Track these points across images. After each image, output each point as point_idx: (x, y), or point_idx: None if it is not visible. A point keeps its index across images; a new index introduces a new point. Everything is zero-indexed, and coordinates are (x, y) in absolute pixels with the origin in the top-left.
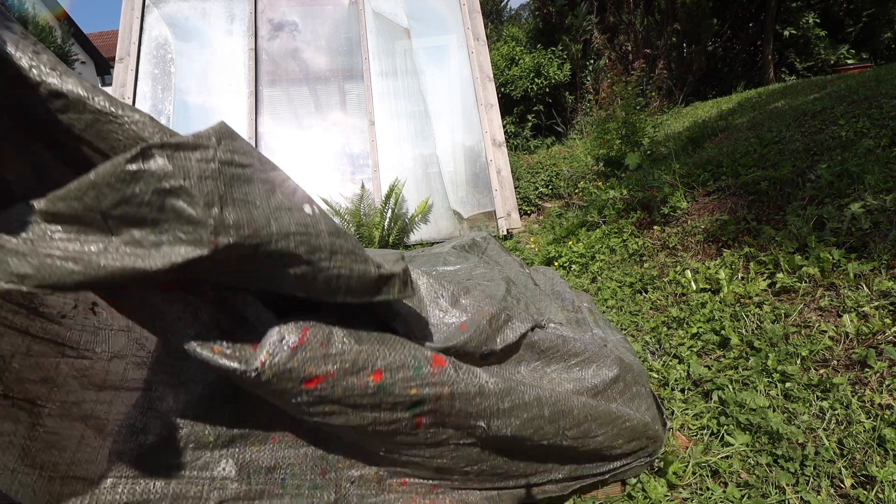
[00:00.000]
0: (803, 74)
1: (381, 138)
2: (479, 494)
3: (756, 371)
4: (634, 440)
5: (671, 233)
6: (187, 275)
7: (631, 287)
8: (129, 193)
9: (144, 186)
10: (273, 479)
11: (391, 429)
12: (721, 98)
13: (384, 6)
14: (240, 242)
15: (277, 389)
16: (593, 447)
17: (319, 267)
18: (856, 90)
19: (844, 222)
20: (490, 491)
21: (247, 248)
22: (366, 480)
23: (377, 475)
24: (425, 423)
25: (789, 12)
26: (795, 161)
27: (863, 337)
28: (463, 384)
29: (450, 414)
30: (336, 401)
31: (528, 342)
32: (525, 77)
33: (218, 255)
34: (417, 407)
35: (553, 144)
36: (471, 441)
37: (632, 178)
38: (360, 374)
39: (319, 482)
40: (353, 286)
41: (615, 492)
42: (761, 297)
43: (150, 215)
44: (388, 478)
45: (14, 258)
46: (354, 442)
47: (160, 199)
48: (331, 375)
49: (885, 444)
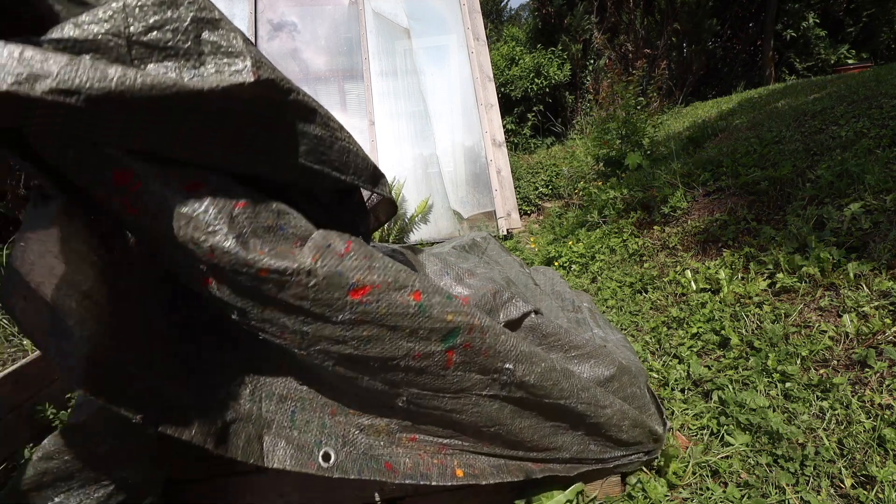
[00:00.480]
0: (803, 74)
1: (380, 138)
2: (487, 461)
3: (756, 371)
4: (637, 427)
5: (671, 233)
6: (212, 132)
7: (631, 287)
8: (165, 18)
9: (184, 13)
10: (283, 409)
11: (422, 365)
12: (721, 98)
13: (384, 6)
14: (276, 80)
15: (323, 298)
16: (603, 421)
17: (335, 136)
18: (856, 90)
19: (844, 222)
20: (498, 459)
21: (280, 90)
22: (376, 430)
23: (387, 427)
24: (455, 360)
25: (789, 12)
26: (795, 161)
27: (863, 337)
28: (488, 321)
29: (480, 351)
30: (377, 320)
31: (531, 325)
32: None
33: (256, 91)
34: (451, 338)
35: (553, 144)
36: (492, 393)
37: (632, 178)
38: (402, 291)
39: (328, 422)
40: (359, 166)
41: (615, 492)
42: (761, 297)
43: (185, 45)
44: (398, 431)
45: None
46: (371, 390)
47: (198, 29)
48: (376, 287)
49: (885, 444)
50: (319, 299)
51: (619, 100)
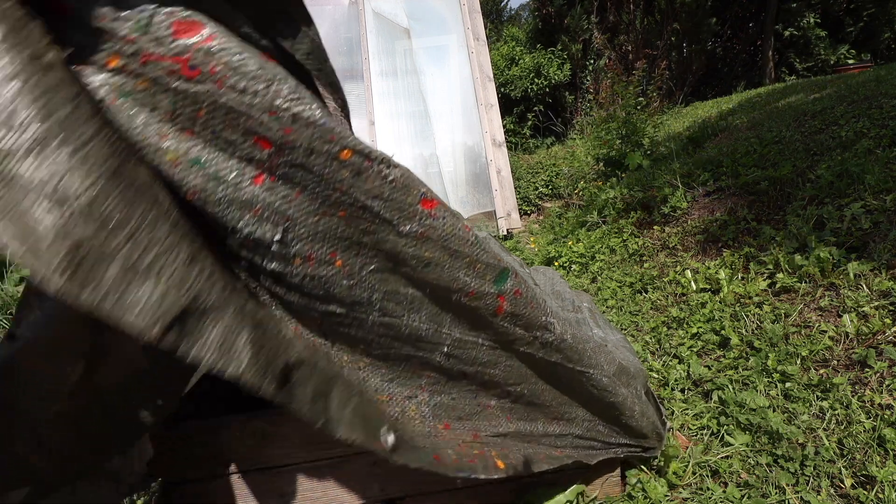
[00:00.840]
0: (803, 74)
1: (380, 138)
2: (517, 448)
3: (756, 371)
4: (645, 418)
5: (671, 233)
6: None
7: (631, 287)
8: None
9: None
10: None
11: (473, 305)
12: (721, 98)
13: (384, 6)
14: None
15: (397, 199)
16: (619, 401)
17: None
18: (856, 90)
19: (844, 222)
20: (524, 444)
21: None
22: (409, 418)
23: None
24: (505, 309)
25: (789, 12)
26: (795, 161)
27: (863, 337)
28: (525, 274)
29: (527, 301)
30: (441, 239)
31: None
32: (525, 77)
33: None
34: (502, 281)
35: (553, 144)
36: (530, 352)
37: (632, 178)
38: (460, 220)
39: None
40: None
41: (615, 492)
42: (761, 297)
43: None
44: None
45: None
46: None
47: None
48: (442, 204)
49: (885, 444)
50: (393, 199)
51: (619, 100)
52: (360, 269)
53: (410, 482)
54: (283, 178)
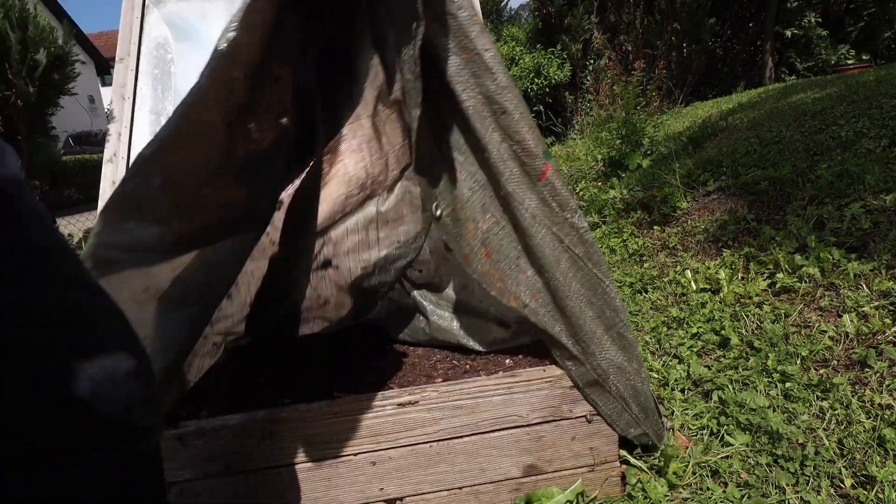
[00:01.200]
0: (803, 74)
1: None
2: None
3: (756, 371)
4: (646, 394)
5: (671, 233)
6: None
7: (631, 287)
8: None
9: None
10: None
11: (524, 160)
12: (721, 98)
13: None
14: None
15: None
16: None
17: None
18: (856, 90)
19: (844, 222)
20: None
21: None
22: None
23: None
24: (547, 176)
25: (789, 12)
26: (795, 161)
27: (863, 337)
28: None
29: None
30: (516, 97)
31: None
32: (525, 77)
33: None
34: (548, 155)
35: (553, 144)
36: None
37: (632, 178)
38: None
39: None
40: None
41: (615, 492)
42: (761, 297)
43: None
44: (479, 241)
45: None
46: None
47: None
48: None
49: (885, 444)
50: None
51: (620, 100)
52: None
53: (410, 482)
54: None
